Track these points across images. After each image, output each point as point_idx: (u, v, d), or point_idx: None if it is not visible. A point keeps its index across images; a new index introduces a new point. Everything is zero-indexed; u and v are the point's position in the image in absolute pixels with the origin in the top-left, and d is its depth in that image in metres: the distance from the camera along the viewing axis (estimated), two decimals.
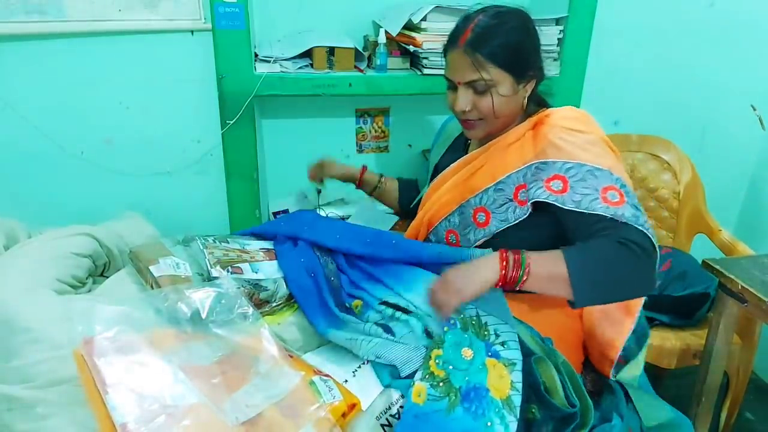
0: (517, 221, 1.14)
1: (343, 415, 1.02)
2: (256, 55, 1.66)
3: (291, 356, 1.09)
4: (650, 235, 1.03)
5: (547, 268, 1.02)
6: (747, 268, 1.40)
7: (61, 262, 1.27)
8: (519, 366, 1.01)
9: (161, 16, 1.61)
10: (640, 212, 1.05)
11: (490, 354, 1.02)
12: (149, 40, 1.64)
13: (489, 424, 0.95)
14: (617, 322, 1.15)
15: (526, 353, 1.04)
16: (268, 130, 1.93)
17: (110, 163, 1.73)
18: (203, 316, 1.07)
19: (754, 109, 2.09)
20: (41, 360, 1.08)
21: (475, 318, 1.06)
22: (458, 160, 1.26)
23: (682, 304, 1.64)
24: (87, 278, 1.33)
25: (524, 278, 1.01)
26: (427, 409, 0.98)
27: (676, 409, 1.16)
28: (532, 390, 1.02)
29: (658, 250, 1.04)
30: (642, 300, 1.14)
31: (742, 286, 1.34)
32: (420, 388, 1.00)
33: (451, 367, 1.01)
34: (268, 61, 1.63)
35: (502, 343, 1.03)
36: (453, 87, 1.19)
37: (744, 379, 1.68)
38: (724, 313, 1.42)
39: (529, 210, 1.12)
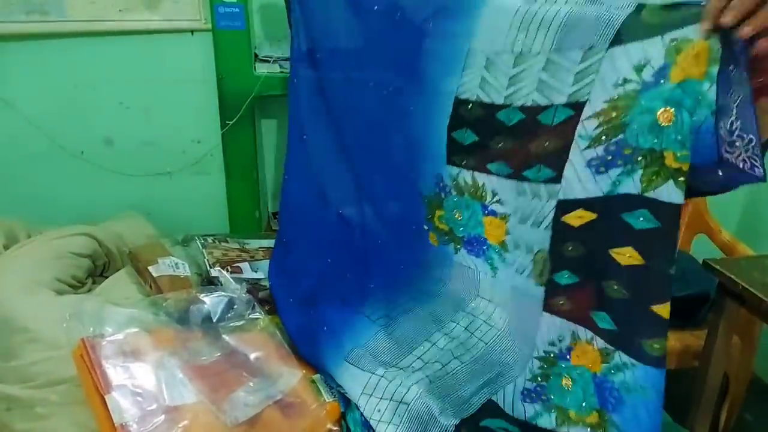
0: None
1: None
2: (256, 55, 1.65)
3: (291, 355, 1.09)
4: None
5: None
6: (747, 269, 1.39)
7: (60, 262, 1.27)
8: (510, 218, 1.02)
9: (161, 17, 1.61)
10: None
11: (486, 213, 1.05)
12: (149, 40, 1.63)
13: (490, 261, 1.06)
14: None
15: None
16: (268, 130, 1.92)
17: (110, 164, 1.73)
18: (214, 320, 1.08)
19: None
20: (40, 360, 1.08)
21: (470, 182, 1.05)
22: None
23: (682, 304, 1.62)
24: (87, 278, 1.34)
25: None
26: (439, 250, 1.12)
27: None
28: None
29: None
30: None
31: (742, 286, 1.34)
32: (432, 235, 1.14)
33: (451, 223, 1.10)
34: (268, 61, 1.62)
35: (498, 201, 1.01)
36: None
37: (744, 380, 1.68)
38: (724, 314, 1.42)
39: None
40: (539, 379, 0.97)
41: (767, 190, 2.12)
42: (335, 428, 1.01)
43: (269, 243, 1.38)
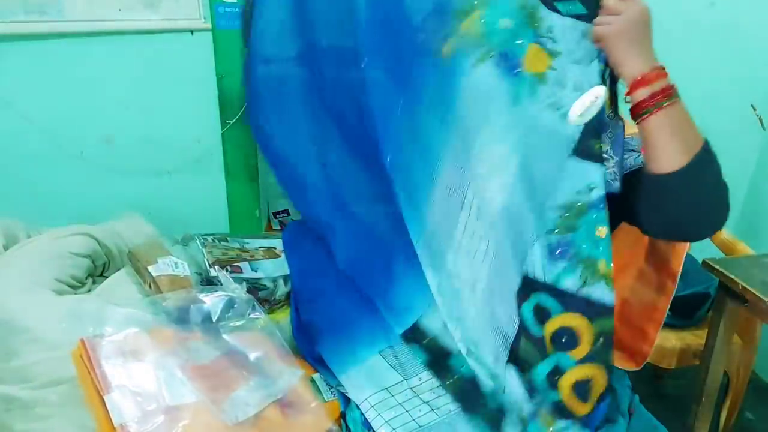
0: None
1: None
2: None
3: (291, 354, 1.09)
4: None
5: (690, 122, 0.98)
6: (747, 268, 1.40)
7: (60, 262, 1.27)
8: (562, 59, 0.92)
9: (161, 16, 1.61)
10: None
11: (536, 41, 0.93)
12: (149, 39, 1.63)
13: (515, 86, 0.92)
14: (659, 283, 1.15)
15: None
16: None
17: (110, 163, 1.73)
18: (213, 320, 1.08)
19: (754, 109, 2.08)
20: (40, 360, 1.08)
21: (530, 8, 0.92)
22: None
23: (682, 303, 1.63)
24: (86, 278, 1.33)
25: (670, 102, 0.98)
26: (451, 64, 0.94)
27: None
28: None
29: None
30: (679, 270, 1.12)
31: (742, 285, 1.34)
32: (448, 44, 0.94)
33: (489, 26, 0.92)
34: None
35: (553, 39, 0.92)
36: None
37: (744, 378, 1.68)
38: (724, 313, 1.42)
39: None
40: (562, 231, 0.92)
41: (767, 190, 2.12)
42: (335, 427, 1.01)
43: (269, 243, 1.38)
